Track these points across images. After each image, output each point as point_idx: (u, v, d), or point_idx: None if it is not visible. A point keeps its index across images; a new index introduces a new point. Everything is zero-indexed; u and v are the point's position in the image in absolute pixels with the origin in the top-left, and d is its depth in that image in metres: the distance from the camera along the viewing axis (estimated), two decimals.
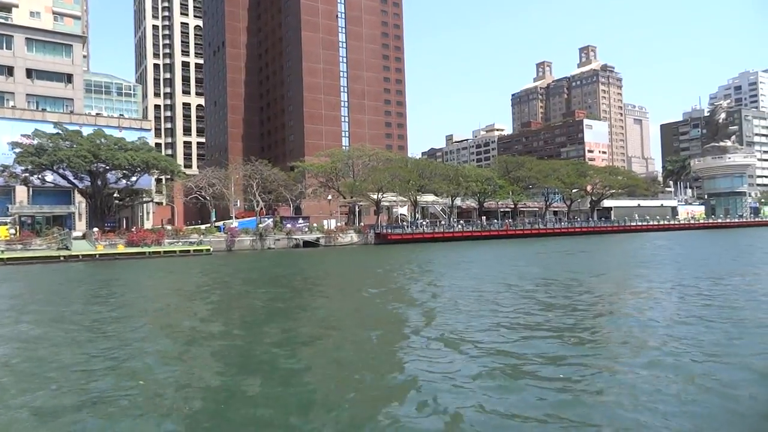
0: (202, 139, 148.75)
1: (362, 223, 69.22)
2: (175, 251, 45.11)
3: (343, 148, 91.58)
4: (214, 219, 79.55)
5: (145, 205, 73.15)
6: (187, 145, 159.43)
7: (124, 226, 60.33)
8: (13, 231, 46.67)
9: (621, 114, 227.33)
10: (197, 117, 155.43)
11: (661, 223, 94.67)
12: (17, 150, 47.90)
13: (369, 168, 70.80)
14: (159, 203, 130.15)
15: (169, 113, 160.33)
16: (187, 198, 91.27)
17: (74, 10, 78.24)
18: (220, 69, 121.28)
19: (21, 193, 61.38)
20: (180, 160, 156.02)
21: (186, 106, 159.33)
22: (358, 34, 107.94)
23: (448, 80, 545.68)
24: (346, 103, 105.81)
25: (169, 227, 56.97)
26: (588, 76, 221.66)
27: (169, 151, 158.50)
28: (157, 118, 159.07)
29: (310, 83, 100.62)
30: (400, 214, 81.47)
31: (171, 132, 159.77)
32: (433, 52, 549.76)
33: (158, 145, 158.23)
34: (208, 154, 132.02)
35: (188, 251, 45.77)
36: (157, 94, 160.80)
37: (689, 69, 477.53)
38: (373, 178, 65.89)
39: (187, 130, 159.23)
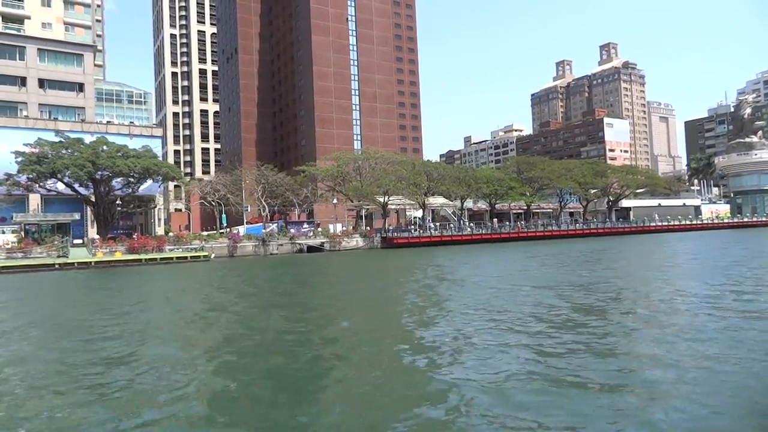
0: (220, 146, 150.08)
1: (368, 227, 68.25)
2: (172, 258, 44.81)
3: (356, 151, 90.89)
4: (225, 224, 79.72)
5: (156, 211, 73.53)
6: (205, 151, 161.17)
7: (139, 233, 60.48)
8: (14, 239, 46.99)
9: (644, 112, 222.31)
10: (214, 123, 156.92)
11: (683, 223, 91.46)
12: (20, 159, 48.30)
13: (378, 171, 69.90)
14: (178, 210, 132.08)
15: (187, 120, 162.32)
16: (193, 204, 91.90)
17: (85, 20, 79.30)
18: (233, 75, 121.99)
19: (34, 201, 62.21)
20: (198, 166, 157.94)
21: (203, 112, 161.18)
22: (369, 37, 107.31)
23: (467, 81, 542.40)
24: (358, 107, 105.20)
25: (171, 233, 56.89)
26: (609, 73, 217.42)
27: (188, 158, 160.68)
28: (176, 126, 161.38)
29: (321, 87, 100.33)
30: (414, 217, 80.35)
31: (189, 139, 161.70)
32: (451, 52, 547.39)
33: (177, 152, 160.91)
34: (224, 160, 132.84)
35: (185, 258, 45.41)
36: (175, 102, 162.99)
37: (717, 65, 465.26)
38: (379, 181, 64.97)
39: (205, 137, 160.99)
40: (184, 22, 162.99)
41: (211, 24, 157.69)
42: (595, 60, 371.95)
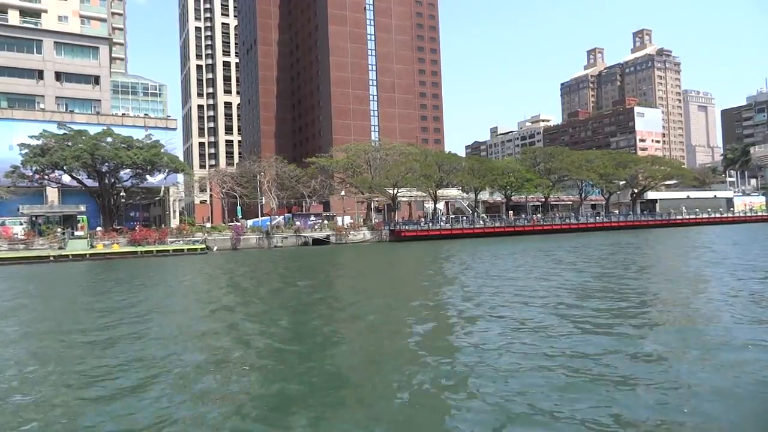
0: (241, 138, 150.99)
1: (376, 220, 66.97)
2: (169, 250, 44.49)
3: (372, 142, 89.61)
4: (241, 216, 79.76)
5: (171, 203, 73.79)
6: (229, 143, 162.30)
7: (140, 225, 60.65)
8: (16, 231, 47.49)
9: (679, 100, 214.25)
10: (238, 116, 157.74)
11: (713, 216, 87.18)
12: (24, 151, 48.72)
13: (389, 162, 68.62)
14: (203, 201, 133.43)
15: (211, 113, 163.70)
16: (215, 196, 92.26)
17: (101, 12, 79.91)
18: (253, 67, 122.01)
19: (52, 193, 63.03)
20: (222, 158, 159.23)
21: (227, 105, 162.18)
22: (388, 26, 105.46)
23: (495, 71, 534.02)
24: (376, 97, 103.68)
25: (173, 226, 56.81)
26: (642, 61, 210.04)
27: (212, 150, 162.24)
28: (201, 118, 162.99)
29: (338, 78, 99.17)
30: (434, 209, 78.90)
31: (213, 131, 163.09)
32: (478, 41, 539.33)
33: (201, 144, 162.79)
34: (244, 152, 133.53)
35: (182, 250, 45.03)
36: (200, 95, 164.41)
37: (759, 50, 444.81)
38: (388, 172, 63.61)
39: (228, 129, 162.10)
40: (208, 15, 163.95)
41: (235, 16, 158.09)
42: (627, 47, 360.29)
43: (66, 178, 54.34)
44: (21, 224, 52.85)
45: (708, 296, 15.39)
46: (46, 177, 51.80)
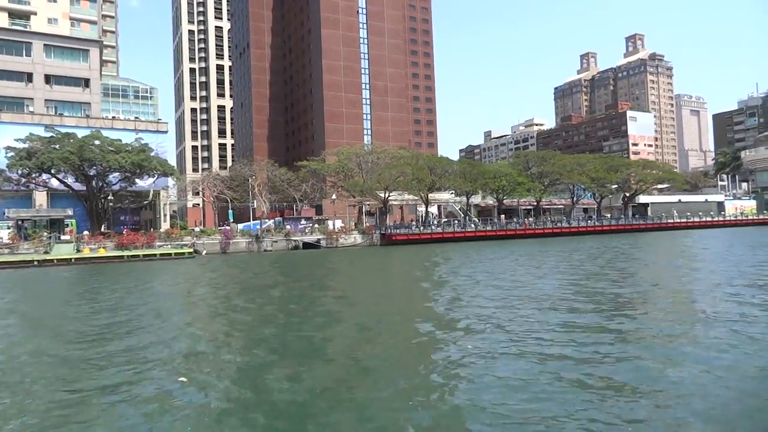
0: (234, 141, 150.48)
1: (367, 224, 66.71)
2: (155, 255, 44.05)
3: (365, 146, 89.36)
4: (232, 220, 79.33)
5: (162, 206, 73.27)
6: (222, 147, 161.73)
7: (128, 229, 60.10)
8: (1, 235, 46.92)
9: (672, 105, 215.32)
10: (231, 119, 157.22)
11: (704, 219, 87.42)
12: (10, 154, 48.21)
13: (381, 166, 68.46)
14: (196, 205, 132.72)
15: (204, 116, 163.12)
16: (207, 200, 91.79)
17: (91, 15, 79.37)
18: (245, 70, 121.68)
19: (40, 197, 62.38)
20: (215, 161, 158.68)
21: (221, 108, 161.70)
22: (380, 30, 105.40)
23: (489, 75, 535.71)
24: (368, 101, 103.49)
25: (162, 230, 56.34)
26: (635, 66, 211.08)
27: (206, 153, 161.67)
28: (194, 122, 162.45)
29: (330, 81, 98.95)
30: (426, 213, 78.74)
31: (207, 134, 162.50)
32: (473, 45, 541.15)
33: (195, 147, 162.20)
34: (237, 156, 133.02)
35: (170, 254, 44.60)
36: (193, 98, 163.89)
37: (751, 55, 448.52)
38: (379, 176, 63.40)
39: (222, 132, 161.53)
40: (201, 18, 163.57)
41: (228, 20, 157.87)
42: (620, 52, 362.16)
43: (54, 182, 53.90)
44: (8, 228, 52.31)
45: (667, 311, 14.72)
46: (33, 181, 51.24)
